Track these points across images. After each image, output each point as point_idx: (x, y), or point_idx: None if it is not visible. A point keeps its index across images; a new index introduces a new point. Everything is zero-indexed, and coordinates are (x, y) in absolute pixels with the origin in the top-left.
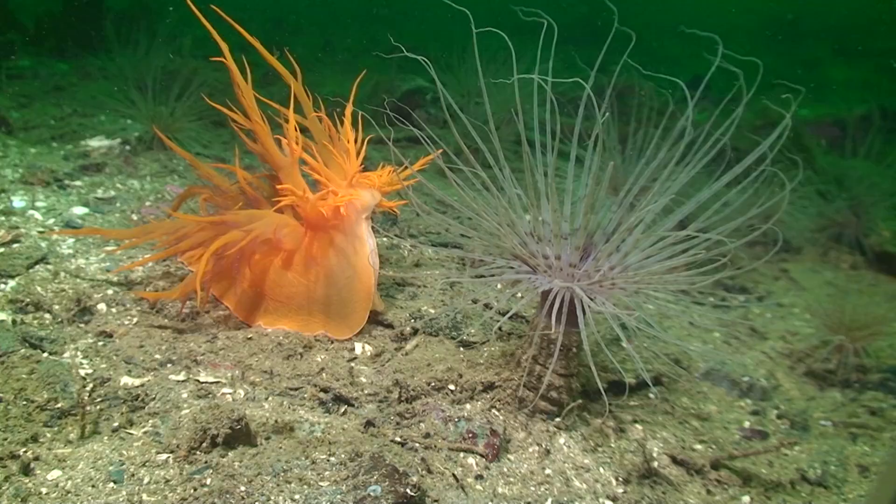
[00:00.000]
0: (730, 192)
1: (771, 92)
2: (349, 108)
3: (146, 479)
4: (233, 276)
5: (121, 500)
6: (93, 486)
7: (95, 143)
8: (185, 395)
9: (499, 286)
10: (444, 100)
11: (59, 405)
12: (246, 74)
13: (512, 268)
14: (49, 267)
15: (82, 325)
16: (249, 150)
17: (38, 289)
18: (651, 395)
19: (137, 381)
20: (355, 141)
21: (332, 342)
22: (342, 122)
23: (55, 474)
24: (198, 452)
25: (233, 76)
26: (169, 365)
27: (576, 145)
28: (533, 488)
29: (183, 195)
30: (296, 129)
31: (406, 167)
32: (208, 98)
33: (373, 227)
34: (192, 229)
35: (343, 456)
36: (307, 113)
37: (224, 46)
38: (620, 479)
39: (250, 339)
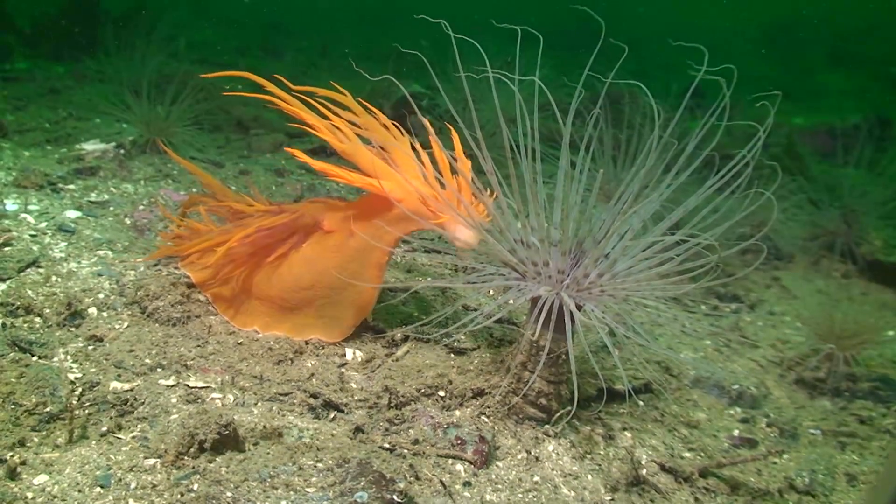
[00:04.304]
0: (724, 200)
1: (766, 100)
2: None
3: (133, 484)
4: (253, 263)
5: None
6: (79, 491)
7: (90, 146)
8: (174, 400)
9: (490, 292)
10: (414, 114)
11: (47, 409)
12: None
13: (502, 275)
14: (40, 270)
15: (72, 329)
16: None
17: (29, 292)
18: (640, 403)
19: (127, 386)
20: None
21: (324, 347)
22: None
23: (42, 479)
24: (185, 458)
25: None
26: (159, 369)
27: (566, 152)
28: (521, 495)
29: (186, 203)
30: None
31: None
32: (206, 101)
33: None
34: (254, 220)
35: (330, 462)
36: (371, 129)
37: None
38: (609, 486)
39: (241, 344)
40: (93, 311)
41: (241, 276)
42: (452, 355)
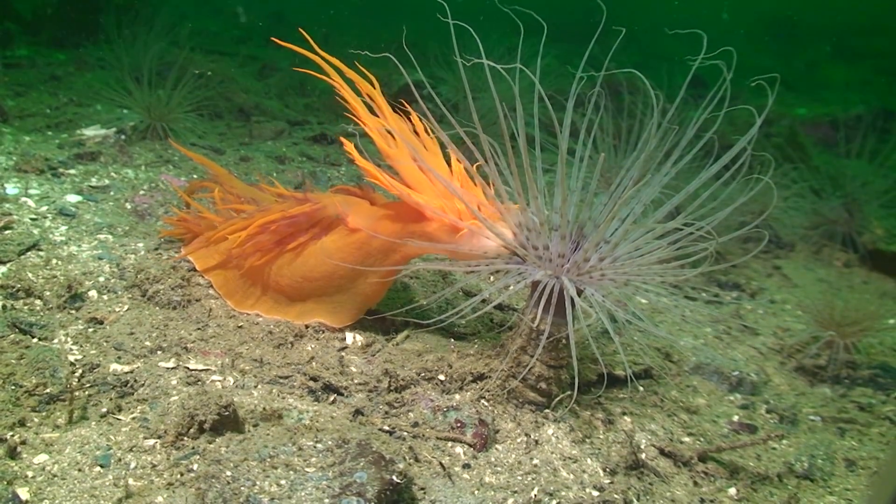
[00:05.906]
0: (724, 187)
1: (766, 87)
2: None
3: (133, 464)
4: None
5: (107, 484)
6: (79, 471)
7: (91, 132)
8: (174, 382)
9: (491, 277)
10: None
11: (47, 390)
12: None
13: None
14: (41, 253)
15: (73, 312)
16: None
17: (30, 275)
18: (640, 388)
19: (127, 368)
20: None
21: (324, 332)
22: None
23: (42, 458)
24: (185, 438)
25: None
26: (159, 352)
27: (566, 138)
28: (520, 478)
29: (189, 189)
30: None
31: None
32: (206, 88)
33: None
34: (275, 207)
35: (330, 443)
36: (390, 122)
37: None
38: (608, 470)
39: (241, 327)
40: (93, 293)
41: (252, 262)
42: (452, 339)
